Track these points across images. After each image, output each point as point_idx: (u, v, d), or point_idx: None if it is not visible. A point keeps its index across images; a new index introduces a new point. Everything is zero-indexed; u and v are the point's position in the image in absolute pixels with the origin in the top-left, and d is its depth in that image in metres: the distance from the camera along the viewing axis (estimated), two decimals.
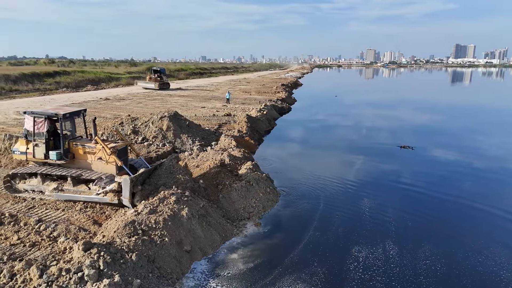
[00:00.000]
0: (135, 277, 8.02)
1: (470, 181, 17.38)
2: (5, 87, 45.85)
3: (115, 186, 11.25)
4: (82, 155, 12.45)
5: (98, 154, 12.14)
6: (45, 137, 12.26)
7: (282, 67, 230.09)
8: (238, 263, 9.76)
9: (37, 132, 12.30)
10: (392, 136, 27.34)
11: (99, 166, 12.24)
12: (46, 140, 12.29)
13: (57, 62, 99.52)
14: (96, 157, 12.19)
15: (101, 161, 12.14)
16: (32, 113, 12.27)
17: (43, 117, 12.12)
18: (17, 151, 12.78)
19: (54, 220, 10.48)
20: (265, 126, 28.73)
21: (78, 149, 12.43)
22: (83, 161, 12.47)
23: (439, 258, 10.18)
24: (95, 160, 12.25)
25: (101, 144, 11.91)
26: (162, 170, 12.36)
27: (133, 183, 11.11)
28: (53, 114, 12.06)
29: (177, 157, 13.40)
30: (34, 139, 12.38)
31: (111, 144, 12.34)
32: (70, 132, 13.03)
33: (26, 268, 7.99)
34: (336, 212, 13.22)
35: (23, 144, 12.61)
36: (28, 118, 12.32)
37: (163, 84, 52.58)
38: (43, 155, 12.34)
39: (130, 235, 9.13)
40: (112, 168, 12.02)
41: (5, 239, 9.39)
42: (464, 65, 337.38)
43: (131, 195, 11.03)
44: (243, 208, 12.77)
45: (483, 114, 40.67)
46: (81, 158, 12.48)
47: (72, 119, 13.00)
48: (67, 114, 12.28)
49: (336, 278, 9.28)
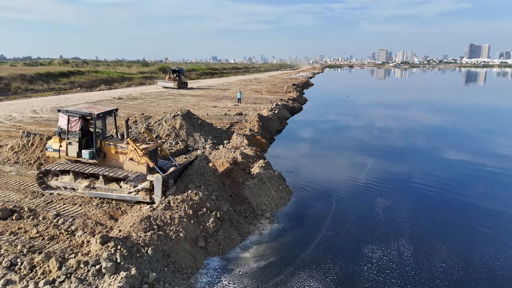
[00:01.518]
0: (151, 270, 8.15)
1: (488, 182, 17.04)
2: (21, 87, 46.87)
3: (147, 185, 11.34)
4: (113, 155, 12.55)
5: (130, 155, 12.24)
6: (78, 135, 12.41)
7: (293, 67, 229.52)
8: (250, 261, 9.78)
9: (70, 131, 12.45)
10: (404, 137, 27.10)
11: (130, 166, 12.34)
12: (80, 139, 12.44)
13: (71, 62, 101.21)
14: (128, 157, 12.29)
15: (132, 162, 12.24)
16: (66, 112, 12.41)
17: (77, 116, 12.24)
18: (51, 149, 12.97)
19: (71, 215, 10.71)
20: (277, 125, 28.75)
21: (110, 148, 12.53)
22: (115, 161, 12.57)
23: (456, 261, 9.94)
24: (127, 160, 12.35)
25: (133, 145, 12.03)
26: (192, 171, 12.40)
27: (165, 181, 11.21)
28: (87, 114, 12.20)
29: (206, 157, 13.46)
30: (68, 137, 12.53)
31: (142, 146, 12.40)
32: (101, 131, 13.17)
33: (46, 260, 8.19)
34: (349, 211, 13.16)
35: (56, 142, 12.78)
36: (62, 116, 12.45)
37: (181, 83, 55.24)
38: (76, 153, 12.49)
39: (145, 230, 9.26)
40: (143, 169, 12.13)
41: (24, 232, 9.62)
42: (479, 65, 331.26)
43: (162, 193, 11.13)
44: (256, 206, 12.84)
45: (501, 115, 39.95)
46: (112, 158, 12.59)
47: (104, 118, 13.13)
48: (100, 113, 12.39)
49: (349, 278, 9.20)
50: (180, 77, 56.49)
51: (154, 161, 12.50)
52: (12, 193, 12.26)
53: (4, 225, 9.87)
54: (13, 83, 47.14)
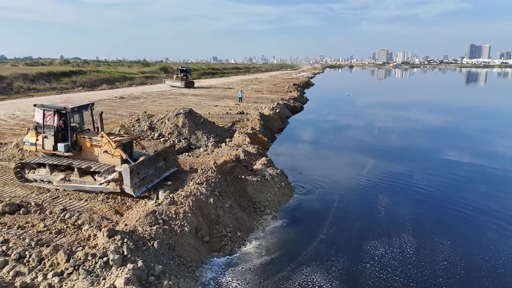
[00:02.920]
0: (157, 263, 8.30)
1: (489, 180, 17.13)
2: (23, 86, 47.05)
3: (116, 176, 11.70)
4: (89, 148, 12.95)
5: (104, 148, 12.61)
6: (53, 129, 12.76)
7: (294, 67, 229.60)
8: (253, 256, 9.90)
9: (46, 125, 12.81)
10: (405, 136, 27.23)
11: (105, 158, 12.72)
12: (55, 133, 12.80)
13: (72, 62, 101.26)
14: (102, 150, 12.66)
15: (107, 154, 12.60)
16: (41, 106, 12.79)
17: (52, 110, 12.61)
18: (28, 142, 13.38)
19: (78, 210, 10.86)
20: (278, 124, 28.89)
21: (86, 142, 12.94)
22: (90, 154, 12.97)
23: (458, 258, 9.97)
24: (101, 153, 12.72)
25: (107, 138, 12.38)
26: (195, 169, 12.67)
27: (133, 171, 11.48)
28: (62, 108, 12.57)
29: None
30: (44, 131, 12.89)
31: (116, 138, 12.78)
32: (78, 125, 13.53)
33: (54, 253, 8.34)
34: (351, 209, 13.29)
35: (33, 136, 13.17)
36: (38, 111, 12.85)
37: (189, 82, 56.66)
38: (51, 146, 12.86)
39: (151, 224, 9.41)
40: (117, 161, 12.47)
41: (32, 226, 9.77)
42: (479, 66, 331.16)
43: (131, 183, 11.40)
44: (259, 202, 12.99)
45: (501, 115, 40.06)
46: (88, 151, 12.99)
47: (80, 112, 13.50)
48: (75, 108, 12.76)
49: (352, 274, 9.28)
50: (187, 77, 58.06)
51: (129, 154, 12.81)
52: (18, 188, 12.42)
53: (11, 219, 10.03)
54: (16, 83, 47.31)
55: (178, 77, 57.80)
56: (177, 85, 55.70)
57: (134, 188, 11.45)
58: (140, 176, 11.89)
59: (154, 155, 12.94)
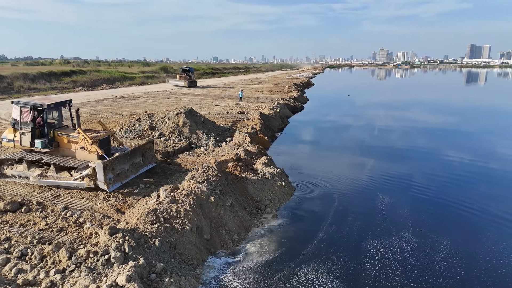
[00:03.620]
0: (158, 261, 8.34)
1: (490, 180, 17.11)
2: (24, 86, 47.12)
3: (90, 171, 11.82)
4: (66, 144, 13.10)
5: (81, 144, 12.74)
6: (30, 126, 12.87)
7: (294, 67, 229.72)
8: (254, 255, 9.93)
9: (23, 122, 12.93)
10: (405, 136, 27.27)
11: (82, 154, 12.84)
12: (32, 129, 12.91)
13: (72, 62, 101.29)
14: (79, 146, 12.79)
15: (83, 150, 12.72)
16: (18, 103, 12.93)
17: (29, 107, 12.73)
18: (6, 139, 13.56)
19: (79, 208, 10.91)
20: (278, 123, 28.93)
21: (63, 138, 13.09)
22: (67, 150, 13.12)
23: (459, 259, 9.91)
24: (78, 149, 12.85)
25: (83, 134, 12.51)
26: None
27: (106, 167, 11.58)
28: (38, 105, 12.70)
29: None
30: (21, 128, 13.02)
31: (93, 134, 12.93)
32: (57, 121, 13.64)
33: (56, 250, 8.39)
34: (351, 208, 13.30)
35: (11, 132, 13.34)
36: (15, 108, 12.99)
37: (192, 82, 57.55)
38: (29, 143, 13.00)
39: (152, 222, 9.45)
40: (94, 157, 12.57)
41: (33, 224, 9.82)
42: (479, 66, 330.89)
43: (105, 179, 11.51)
44: (259, 201, 13.03)
45: (501, 115, 40.10)
46: (65, 147, 13.13)
47: (58, 109, 13.62)
48: (51, 104, 12.88)
49: (352, 273, 9.27)
50: (190, 76, 59.05)
51: (107, 150, 12.97)
52: (20, 187, 12.47)
53: (13, 218, 10.08)
54: (16, 82, 47.37)
55: (182, 77, 58.92)
56: (181, 85, 56.87)
57: (108, 183, 11.64)
58: (115, 172, 12.07)
59: (130, 151, 13.11)
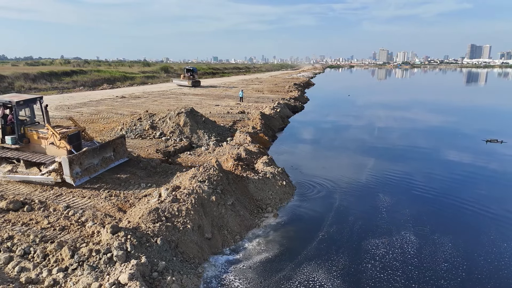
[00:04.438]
0: (160, 259, 8.39)
1: (490, 180, 17.12)
2: (24, 86, 47.17)
3: (56, 166, 11.96)
4: (36, 140, 13.26)
5: (50, 140, 12.88)
6: (1, 123, 13.04)
7: (294, 67, 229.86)
8: (255, 254, 9.97)
9: None
10: (405, 136, 27.31)
11: (52, 150, 12.97)
12: (2, 126, 13.08)
13: (72, 62, 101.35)
14: (49, 142, 12.92)
15: (53, 146, 12.86)
16: None
17: None
18: None
19: (81, 207, 10.95)
20: (279, 123, 28.97)
21: (33, 134, 13.26)
22: (38, 146, 13.28)
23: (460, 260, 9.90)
24: (48, 144, 12.98)
25: (51, 130, 12.65)
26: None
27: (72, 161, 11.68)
28: (7, 102, 12.87)
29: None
30: None
31: (62, 130, 13.05)
32: (29, 118, 13.78)
33: (58, 249, 8.44)
34: (352, 207, 13.33)
35: None
36: None
37: (195, 81, 58.60)
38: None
39: (154, 221, 9.50)
40: (64, 152, 12.67)
41: (36, 223, 9.86)
42: (480, 66, 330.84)
43: (71, 173, 11.63)
44: (260, 200, 13.07)
45: (502, 115, 40.13)
46: (36, 143, 13.30)
47: (29, 106, 13.77)
48: (20, 101, 13.03)
49: (353, 273, 9.28)
50: (193, 76, 60.30)
51: (77, 145, 13.10)
52: (22, 186, 12.50)
53: (16, 216, 10.12)
54: (17, 82, 47.43)
55: (185, 77, 60.21)
56: (185, 84, 58.00)
57: (75, 177, 11.76)
58: (83, 166, 12.17)
59: (99, 146, 13.22)
